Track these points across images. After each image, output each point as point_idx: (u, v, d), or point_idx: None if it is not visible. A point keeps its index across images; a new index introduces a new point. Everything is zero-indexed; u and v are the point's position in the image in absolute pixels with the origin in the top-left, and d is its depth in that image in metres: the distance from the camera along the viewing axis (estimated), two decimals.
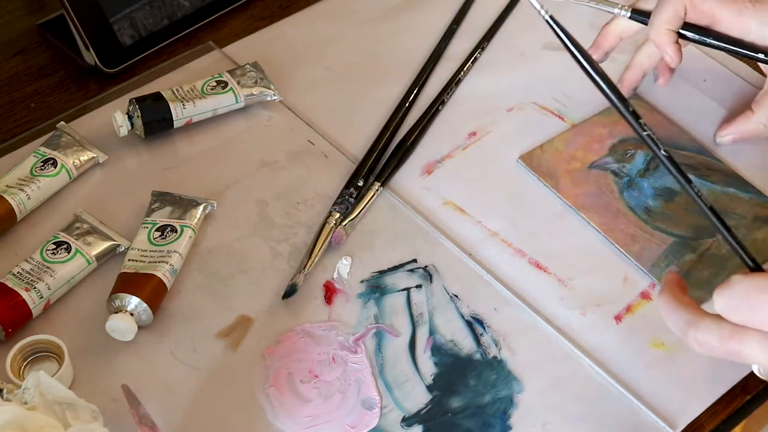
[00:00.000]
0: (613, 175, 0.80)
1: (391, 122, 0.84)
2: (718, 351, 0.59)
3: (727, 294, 0.58)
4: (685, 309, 0.60)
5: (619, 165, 0.81)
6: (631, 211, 0.77)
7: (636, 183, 0.79)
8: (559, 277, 0.74)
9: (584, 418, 0.66)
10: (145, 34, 0.90)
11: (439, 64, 0.90)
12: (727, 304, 0.58)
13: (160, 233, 0.73)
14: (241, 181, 0.80)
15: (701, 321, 0.59)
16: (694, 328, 0.59)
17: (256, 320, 0.71)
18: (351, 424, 0.65)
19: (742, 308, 0.57)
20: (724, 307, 0.58)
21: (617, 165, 0.81)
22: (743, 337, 0.57)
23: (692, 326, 0.59)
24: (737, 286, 0.58)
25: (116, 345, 0.68)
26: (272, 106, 0.86)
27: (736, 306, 0.58)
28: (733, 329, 0.58)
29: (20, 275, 0.69)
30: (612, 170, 0.80)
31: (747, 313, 0.57)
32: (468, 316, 0.71)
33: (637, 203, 0.78)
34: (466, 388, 0.67)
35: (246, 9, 0.96)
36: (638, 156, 0.81)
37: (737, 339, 0.57)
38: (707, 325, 0.59)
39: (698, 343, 0.59)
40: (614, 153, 0.81)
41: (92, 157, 0.79)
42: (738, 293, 0.58)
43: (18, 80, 0.89)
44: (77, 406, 0.58)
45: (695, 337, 0.59)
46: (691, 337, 0.59)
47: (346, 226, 0.75)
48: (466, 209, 0.78)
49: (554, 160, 0.81)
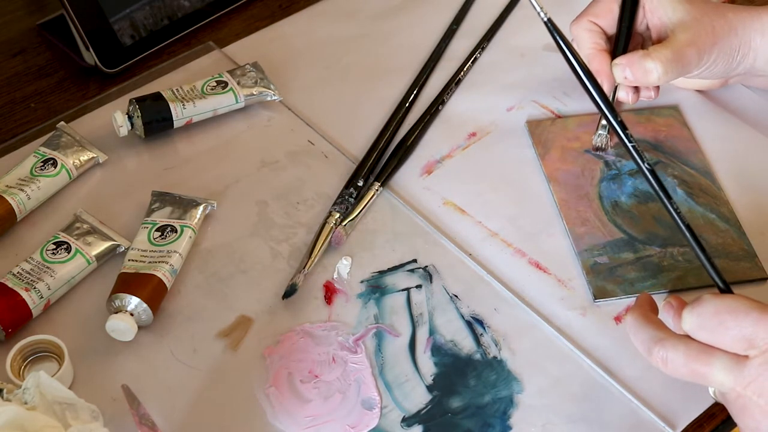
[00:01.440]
0: (604, 165, 0.81)
1: (391, 122, 0.84)
2: (683, 370, 0.59)
3: (696, 312, 0.58)
4: (653, 327, 0.61)
5: (615, 158, 0.81)
6: (598, 199, 0.78)
7: (621, 178, 0.80)
8: (559, 277, 0.74)
9: (584, 418, 0.66)
10: (145, 34, 0.90)
11: (439, 64, 0.90)
12: (696, 322, 0.58)
13: (160, 233, 0.73)
14: (241, 181, 0.80)
15: (668, 339, 0.59)
16: (660, 345, 0.59)
17: (256, 320, 0.71)
18: (351, 424, 0.65)
19: (710, 327, 0.58)
20: (693, 324, 0.58)
21: (614, 157, 0.81)
22: (710, 359, 0.58)
23: (658, 343, 0.59)
24: (707, 304, 0.58)
25: (116, 345, 0.68)
26: (272, 106, 0.86)
27: (705, 325, 0.58)
28: (699, 349, 0.58)
29: (20, 275, 0.69)
30: (606, 160, 0.81)
31: (715, 332, 0.58)
32: (468, 316, 0.71)
33: (609, 195, 0.78)
34: (466, 388, 0.67)
35: (246, 9, 0.97)
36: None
37: (703, 360, 0.58)
38: (673, 343, 0.59)
39: (663, 361, 0.59)
40: (619, 147, 0.82)
41: (92, 157, 0.79)
42: (708, 312, 0.58)
43: (18, 80, 0.89)
44: (77, 406, 0.58)
45: (660, 354, 0.59)
46: (656, 353, 0.59)
47: (346, 226, 0.75)
48: (466, 209, 0.78)
49: (557, 133, 0.83)
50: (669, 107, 0.86)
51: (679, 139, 0.83)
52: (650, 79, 0.75)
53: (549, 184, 0.79)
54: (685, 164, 0.81)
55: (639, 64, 0.75)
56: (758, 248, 0.75)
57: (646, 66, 0.74)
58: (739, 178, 0.81)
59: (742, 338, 0.57)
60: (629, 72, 0.76)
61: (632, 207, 0.78)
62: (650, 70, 0.74)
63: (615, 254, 0.74)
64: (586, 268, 0.73)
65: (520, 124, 0.85)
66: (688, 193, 0.78)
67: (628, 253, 0.74)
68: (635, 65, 0.75)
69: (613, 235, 0.76)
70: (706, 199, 0.78)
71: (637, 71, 0.75)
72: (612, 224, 0.77)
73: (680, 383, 0.67)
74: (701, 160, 0.81)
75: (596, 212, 0.77)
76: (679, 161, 0.81)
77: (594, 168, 0.81)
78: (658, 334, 0.60)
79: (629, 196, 0.78)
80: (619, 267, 0.74)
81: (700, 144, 0.83)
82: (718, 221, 0.76)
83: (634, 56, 0.75)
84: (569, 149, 0.82)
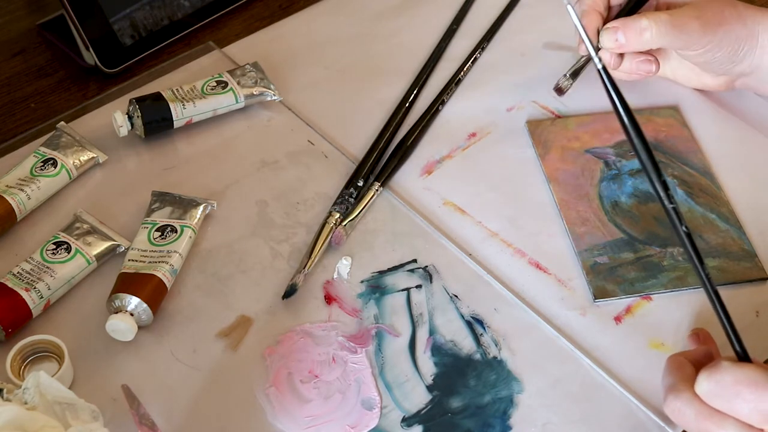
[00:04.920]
0: (604, 165, 0.81)
1: (391, 122, 0.84)
2: (693, 426, 0.58)
3: (715, 379, 0.57)
4: (677, 375, 0.60)
5: (616, 158, 0.81)
6: (598, 199, 0.78)
7: (621, 178, 0.80)
8: (559, 277, 0.74)
9: (584, 418, 0.66)
10: (145, 34, 0.90)
11: (439, 64, 0.90)
12: (712, 389, 0.57)
13: (160, 233, 0.73)
14: (241, 181, 0.80)
15: (685, 392, 0.59)
16: (675, 395, 0.59)
17: (256, 320, 0.71)
18: (351, 424, 0.65)
19: (727, 397, 0.57)
20: (709, 391, 0.57)
21: (614, 157, 0.81)
22: (722, 422, 0.57)
23: (675, 393, 0.59)
24: (726, 374, 0.57)
25: (116, 345, 0.68)
26: (272, 106, 0.86)
27: (722, 394, 0.57)
28: (712, 411, 0.57)
29: (20, 275, 0.69)
30: (606, 160, 0.81)
31: (732, 402, 0.57)
32: (468, 316, 0.71)
33: (609, 195, 0.78)
34: (466, 388, 0.67)
35: (246, 9, 0.97)
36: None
37: (715, 421, 0.57)
38: (689, 398, 0.58)
39: (674, 411, 0.59)
40: (618, 147, 0.82)
41: (92, 157, 0.79)
42: (726, 381, 0.57)
43: (18, 80, 0.89)
44: (77, 406, 0.58)
45: (674, 405, 0.59)
46: (671, 402, 0.59)
47: (346, 226, 0.75)
48: (466, 209, 0.78)
49: (557, 133, 0.83)
50: (669, 107, 0.86)
51: (679, 139, 0.83)
52: (643, 38, 0.73)
53: (549, 184, 0.79)
54: (685, 164, 0.81)
55: (632, 24, 0.73)
56: (758, 248, 0.75)
57: (641, 24, 0.72)
58: (738, 177, 0.80)
59: (759, 412, 0.56)
60: (621, 34, 0.74)
61: (632, 207, 0.78)
62: (644, 27, 0.72)
63: (615, 254, 0.74)
64: (586, 268, 0.73)
65: (520, 124, 0.85)
66: (688, 193, 0.78)
67: (628, 253, 0.74)
68: (628, 25, 0.73)
69: (613, 235, 0.76)
70: (706, 199, 0.78)
71: (630, 30, 0.73)
72: (612, 224, 0.77)
73: None
74: (701, 160, 0.81)
75: (596, 212, 0.77)
76: (679, 161, 0.81)
77: (594, 168, 0.81)
78: (678, 385, 0.59)
79: (629, 196, 0.78)
80: (619, 267, 0.74)
81: (700, 144, 0.83)
82: (718, 221, 0.76)
83: (627, 19, 0.73)
84: (569, 149, 0.82)
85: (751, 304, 0.72)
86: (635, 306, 0.72)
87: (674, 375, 0.60)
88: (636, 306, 0.72)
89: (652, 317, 0.71)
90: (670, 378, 0.60)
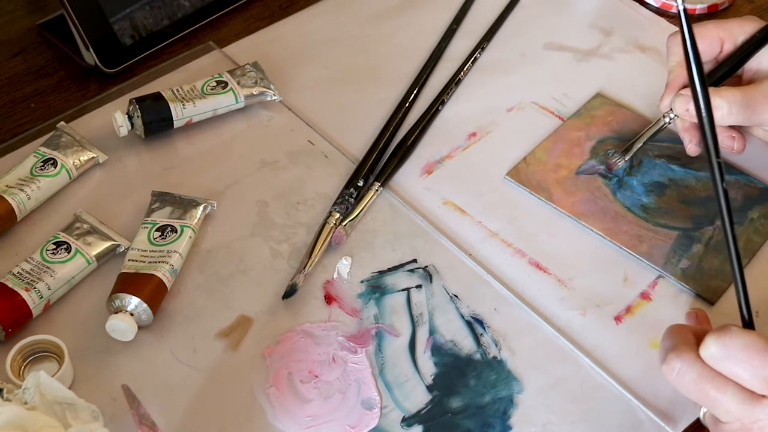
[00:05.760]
0: (602, 178, 0.80)
1: (391, 122, 0.84)
2: (691, 387, 0.58)
3: (723, 342, 0.57)
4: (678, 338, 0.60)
5: (604, 167, 0.80)
6: (629, 211, 0.77)
7: (625, 182, 0.79)
8: (559, 277, 0.74)
9: (584, 418, 0.66)
10: (145, 34, 0.90)
11: (439, 64, 0.90)
12: (722, 352, 0.57)
13: (160, 233, 0.73)
14: (241, 181, 0.80)
15: (687, 353, 0.59)
16: (675, 355, 0.59)
17: (256, 320, 0.71)
18: (351, 425, 0.65)
19: (735, 361, 0.57)
20: (717, 353, 0.57)
21: (603, 167, 0.80)
22: (724, 386, 0.57)
23: (675, 353, 0.59)
24: (736, 338, 0.57)
25: (116, 345, 0.68)
26: (272, 106, 0.86)
27: (731, 356, 0.57)
28: (714, 374, 0.58)
29: (20, 275, 0.69)
30: (599, 173, 0.80)
31: (739, 367, 0.57)
32: (468, 316, 0.71)
33: (633, 203, 0.78)
34: (466, 388, 0.67)
35: (246, 9, 0.97)
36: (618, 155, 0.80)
37: (717, 384, 0.57)
38: (692, 359, 0.58)
39: (674, 372, 0.59)
40: (596, 155, 0.81)
41: (92, 157, 0.79)
42: (736, 345, 0.57)
43: (18, 80, 0.89)
44: (77, 406, 0.58)
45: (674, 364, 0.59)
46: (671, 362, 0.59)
47: (346, 226, 0.75)
48: (466, 209, 0.78)
49: (541, 171, 0.80)
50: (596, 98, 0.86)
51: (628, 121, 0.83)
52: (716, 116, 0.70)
53: (581, 221, 0.77)
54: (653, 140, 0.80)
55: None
56: None
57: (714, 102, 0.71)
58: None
59: (763, 379, 0.56)
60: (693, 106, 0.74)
61: (658, 202, 0.77)
62: (717, 106, 0.71)
63: (687, 252, 0.74)
64: (682, 279, 0.72)
65: (520, 125, 0.85)
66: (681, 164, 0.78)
67: (696, 245, 0.74)
68: None
69: (669, 236, 0.75)
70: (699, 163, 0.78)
71: None
72: (659, 227, 0.76)
73: None
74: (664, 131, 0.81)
75: (639, 224, 0.76)
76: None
77: (598, 185, 0.79)
78: (681, 346, 0.59)
79: (647, 195, 0.78)
80: (701, 261, 0.73)
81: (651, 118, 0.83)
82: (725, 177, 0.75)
83: None
84: (563, 180, 0.80)
85: None
86: (635, 306, 0.72)
87: (676, 337, 0.60)
88: (636, 306, 0.72)
89: (652, 317, 0.71)
90: (671, 340, 0.60)
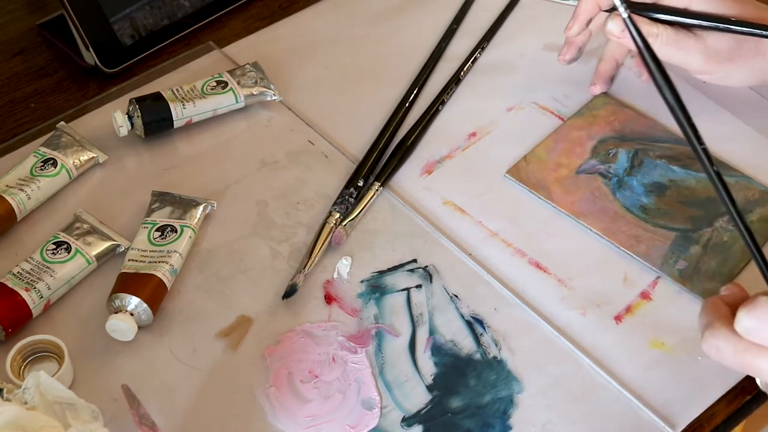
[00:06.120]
0: (602, 177, 0.80)
1: (391, 122, 0.84)
2: (732, 360, 0.58)
3: (755, 314, 0.57)
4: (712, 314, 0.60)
5: (605, 166, 0.80)
6: (628, 211, 0.77)
7: (625, 182, 0.79)
8: (559, 277, 0.74)
9: (584, 418, 0.66)
10: (145, 34, 0.90)
11: (439, 64, 0.90)
12: (754, 324, 0.57)
13: (160, 233, 0.73)
14: (241, 181, 0.80)
15: (721, 328, 0.58)
16: (711, 332, 0.59)
17: (256, 320, 0.71)
18: (351, 424, 0.65)
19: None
20: (750, 326, 0.57)
21: (603, 166, 0.80)
22: (764, 354, 0.57)
23: (710, 329, 0.59)
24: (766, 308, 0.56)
25: (116, 345, 0.68)
26: (272, 106, 0.86)
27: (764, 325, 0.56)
28: (750, 343, 0.57)
29: (20, 275, 0.69)
30: (599, 172, 0.80)
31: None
32: (468, 316, 0.71)
33: (632, 203, 0.78)
34: (466, 388, 0.67)
35: (246, 9, 0.97)
36: (621, 155, 0.80)
37: (754, 353, 0.57)
38: (725, 334, 0.58)
39: (712, 348, 0.59)
40: (597, 155, 0.81)
41: (92, 157, 0.79)
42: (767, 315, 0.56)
43: (18, 80, 0.89)
44: (77, 406, 0.58)
45: (711, 342, 0.59)
46: (708, 339, 0.59)
47: (346, 226, 0.75)
48: (466, 209, 0.78)
49: (541, 170, 0.80)
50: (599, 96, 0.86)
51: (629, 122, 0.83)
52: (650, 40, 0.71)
53: (579, 221, 0.77)
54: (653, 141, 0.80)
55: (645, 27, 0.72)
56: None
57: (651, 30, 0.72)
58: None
59: None
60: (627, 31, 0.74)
61: (657, 203, 0.77)
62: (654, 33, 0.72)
63: (685, 253, 0.73)
64: (678, 280, 0.72)
65: (520, 125, 0.85)
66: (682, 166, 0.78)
67: (694, 246, 0.74)
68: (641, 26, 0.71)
69: (667, 237, 0.75)
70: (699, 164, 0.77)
71: None
72: (658, 228, 0.75)
73: (680, 383, 0.68)
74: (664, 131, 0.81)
75: (637, 224, 0.76)
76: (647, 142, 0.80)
77: (598, 185, 0.79)
78: (716, 323, 0.59)
79: (647, 195, 0.78)
80: (698, 263, 0.73)
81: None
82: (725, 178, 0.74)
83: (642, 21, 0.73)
84: (563, 179, 0.80)
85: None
86: (635, 305, 0.72)
87: (710, 314, 0.60)
88: (636, 305, 0.72)
89: (653, 317, 0.71)
90: (707, 317, 0.60)
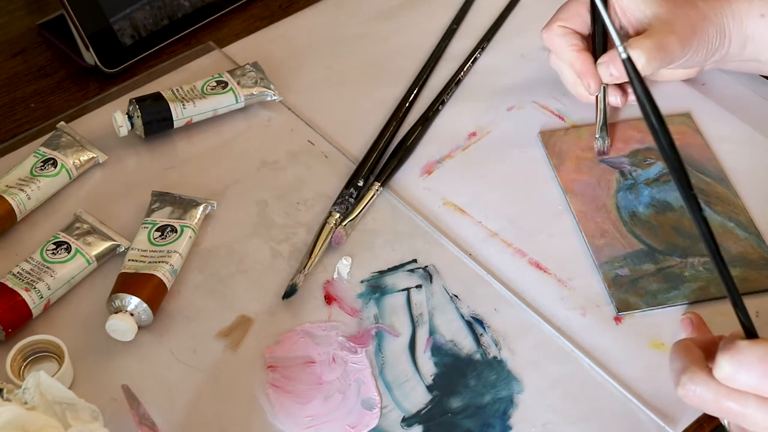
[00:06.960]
0: (619, 174, 0.80)
1: (391, 122, 0.84)
2: (713, 407, 0.57)
3: (737, 359, 0.56)
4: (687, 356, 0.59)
5: (631, 167, 0.80)
6: (616, 209, 0.77)
7: (638, 188, 0.79)
8: (559, 277, 0.74)
9: (584, 418, 0.66)
10: (145, 34, 0.90)
11: (439, 64, 0.90)
12: (736, 370, 0.56)
13: (160, 233, 0.73)
14: (241, 181, 0.80)
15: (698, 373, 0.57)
16: (688, 378, 0.58)
17: (256, 320, 0.71)
18: (351, 424, 0.65)
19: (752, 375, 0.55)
20: (733, 371, 0.56)
21: (630, 167, 0.80)
22: (744, 399, 0.56)
23: (686, 374, 0.58)
24: (749, 352, 0.56)
25: (116, 345, 0.68)
26: (272, 106, 0.86)
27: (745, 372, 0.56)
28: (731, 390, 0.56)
29: (20, 275, 0.69)
30: (621, 169, 0.80)
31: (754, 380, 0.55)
32: (468, 316, 0.71)
33: (627, 205, 0.78)
34: (466, 388, 0.67)
35: (246, 9, 0.97)
36: (655, 167, 0.80)
37: (736, 399, 0.56)
38: (704, 379, 0.57)
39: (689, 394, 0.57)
40: (633, 156, 0.81)
41: (92, 157, 0.79)
42: (749, 360, 0.56)
43: (18, 80, 0.89)
44: (77, 406, 0.58)
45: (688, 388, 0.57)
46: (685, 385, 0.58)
47: (346, 226, 0.75)
48: (466, 209, 0.78)
49: (571, 143, 0.82)
50: (681, 114, 0.84)
51: (693, 147, 0.82)
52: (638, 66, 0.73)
53: (566, 196, 0.78)
54: (701, 172, 0.79)
55: None
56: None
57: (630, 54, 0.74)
58: (755, 185, 0.79)
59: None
60: (613, 68, 0.75)
61: (650, 217, 0.77)
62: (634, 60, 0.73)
63: (636, 266, 0.73)
64: (608, 281, 0.72)
65: (520, 124, 0.85)
66: (706, 202, 0.77)
67: (649, 265, 0.73)
68: (617, 59, 0.74)
69: (632, 246, 0.75)
70: (724, 208, 0.77)
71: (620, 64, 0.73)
72: (631, 235, 0.75)
73: None
74: (716, 167, 0.80)
75: (614, 223, 0.76)
76: (695, 169, 0.80)
77: (610, 178, 0.79)
78: (691, 367, 0.58)
79: (647, 206, 0.77)
80: (640, 279, 0.73)
81: (714, 151, 0.82)
82: (737, 229, 0.75)
83: (614, 51, 0.74)
84: (584, 159, 0.81)
85: None
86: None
87: (683, 358, 0.59)
88: None
89: (653, 317, 0.71)
90: (680, 362, 0.59)
